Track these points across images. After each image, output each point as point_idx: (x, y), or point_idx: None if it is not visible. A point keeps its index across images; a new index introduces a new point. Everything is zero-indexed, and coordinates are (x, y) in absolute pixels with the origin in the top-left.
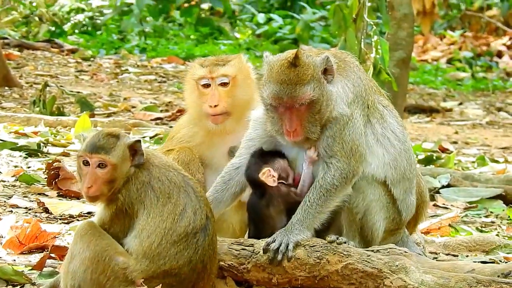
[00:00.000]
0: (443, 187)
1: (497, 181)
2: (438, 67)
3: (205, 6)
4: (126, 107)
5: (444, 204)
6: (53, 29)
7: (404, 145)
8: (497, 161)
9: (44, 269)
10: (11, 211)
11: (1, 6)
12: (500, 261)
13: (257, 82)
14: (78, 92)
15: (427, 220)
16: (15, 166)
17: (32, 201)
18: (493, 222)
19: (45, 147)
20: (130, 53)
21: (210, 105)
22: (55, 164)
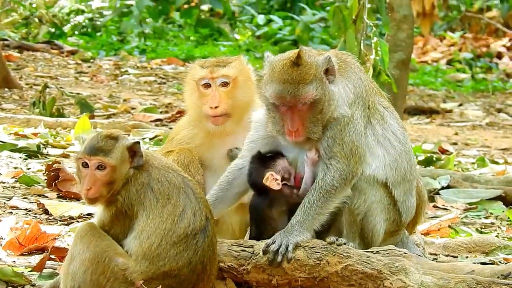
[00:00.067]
0: (443, 188)
1: (497, 182)
2: (438, 68)
3: (205, 7)
4: (125, 109)
5: (444, 205)
6: (53, 30)
7: (405, 146)
8: (497, 162)
9: (44, 270)
10: (11, 212)
11: (1, 8)
12: (500, 262)
13: (257, 83)
14: (78, 94)
15: (426, 221)
16: (15, 167)
17: (32, 202)
18: (492, 223)
19: (45, 148)
20: (130, 54)
21: (210, 106)
22: (55, 166)
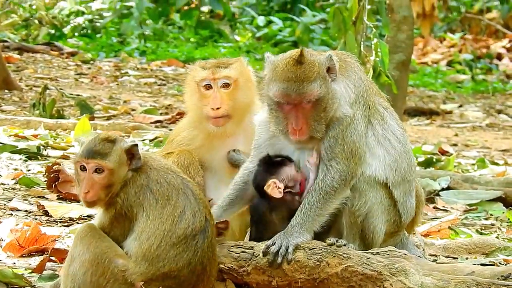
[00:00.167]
0: (443, 189)
1: (497, 183)
2: (438, 69)
3: (205, 9)
4: (126, 110)
5: (444, 207)
6: (53, 32)
7: (405, 147)
8: (497, 164)
9: (44, 272)
10: (11, 214)
11: (1, 9)
12: (500, 263)
13: (257, 85)
14: (78, 95)
15: (427, 222)
16: (15, 169)
17: (32, 204)
18: (493, 225)
19: (45, 150)
20: (130, 56)
21: (212, 107)
22: (55, 167)
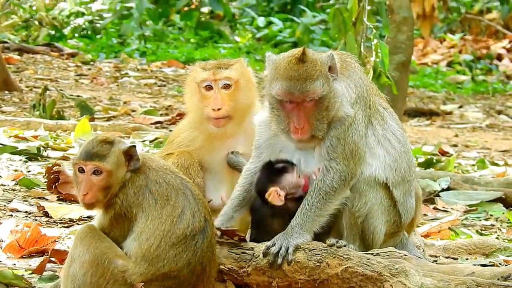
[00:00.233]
0: (443, 190)
1: (497, 184)
2: (438, 70)
3: (205, 9)
4: (126, 111)
5: (444, 207)
6: (53, 33)
7: (404, 147)
8: (497, 164)
9: (44, 273)
10: (11, 215)
11: (1, 10)
12: (500, 264)
13: (258, 86)
14: (78, 96)
15: (427, 223)
16: (15, 170)
17: (32, 205)
18: (493, 225)
19: (45, 151)
20: (130, 57)
21: (213, 108)
22: (55, 168)
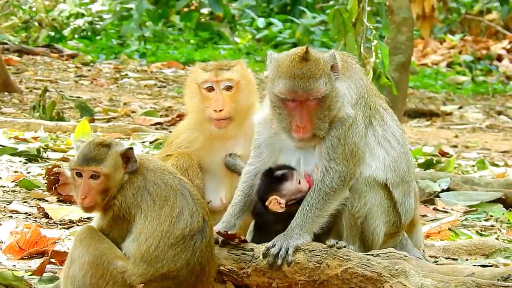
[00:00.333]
0: (443, 191)
1: (497, 184)
2: (438, 71)
3: (204, 10)
4: (126, 112)
5: (444, 208)
6: (53, 34)
7: (404, 148)
8: (497, 165)
9: (44, 274)
10: (11, 216)
11: (1, 11)
12: (499, 263)
13: (258, 87)
14: (78, 97)
15: (427, 224)
16: (15, 171)
17: (32, 206)
18: (493, 226)
19: (45, 152)
20: (130, 58)
21: (214, 109)
22: (55, 170)
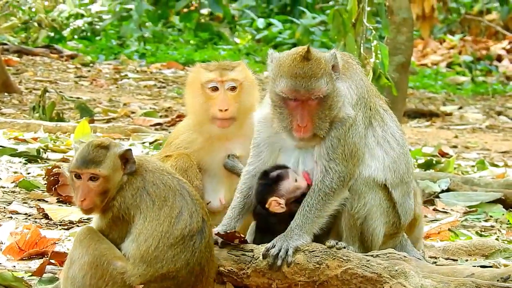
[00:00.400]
0: (442, 191)
1: (497, 185)
2: (437, 71)
3: (204, 11)
4: (125, 113)
5: (443, 209)
6: (52, 34)
7: (403, 148)
8: (496, 165)
9: (44, 275)
10: (10, 217)
11: (0, 12)
12: (500, 265)
13: (258, 87)
14: (78, 98)
15: (426, 224)
16: (15, 172)
17: (32, 207)
18: (492, 226)
19: (45, 153)
20: (130, 58)
21: (220, 108)
22: (54, 170)
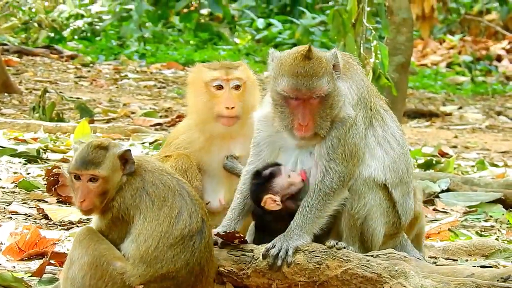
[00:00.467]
0: (442, 191)
1: (497, 185)
2: (437, 71)
3: (204, 11)
4: (125, 113)
5: (443, 209)
6: (53, 35)
7: (403, 149)
8: (496, 165)
9: (44, 275)
10: (10, 217)
11: (0, 12)
12: (499, 265)
13: (259, 87)
14: (78, 98)
15: (426, 224)
16: (15, 172)
17: (32, 207)
18: (492, 226)
19: (45, 153)
20: (130, 59)
21: (226, 106)
22: (54, 171)
